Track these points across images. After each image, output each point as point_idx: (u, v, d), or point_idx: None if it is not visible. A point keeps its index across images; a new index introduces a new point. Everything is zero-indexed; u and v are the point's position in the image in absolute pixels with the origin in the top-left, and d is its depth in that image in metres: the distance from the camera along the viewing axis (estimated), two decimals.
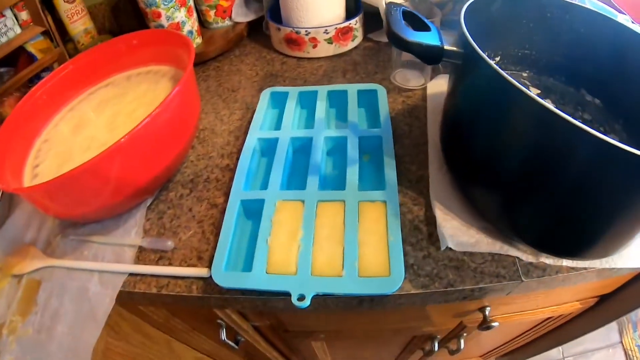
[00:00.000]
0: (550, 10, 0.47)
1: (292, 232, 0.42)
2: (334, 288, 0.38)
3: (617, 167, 0.30)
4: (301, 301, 0.36)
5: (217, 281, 0.39)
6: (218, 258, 0.41)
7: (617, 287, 0.56)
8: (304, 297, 0.36)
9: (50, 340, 0.43)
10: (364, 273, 0.38)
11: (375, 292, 0.38)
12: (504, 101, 0.36)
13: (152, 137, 0.43)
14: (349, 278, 0.38)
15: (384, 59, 0.68)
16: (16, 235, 0.50)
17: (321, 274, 0.39)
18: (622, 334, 1.34)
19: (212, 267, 0.40)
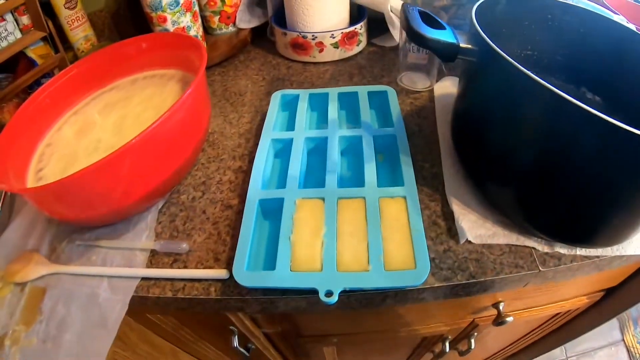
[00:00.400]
0: (551, 11, 0.49)
1: (314, 229, 0.41)
2: (361, 283, 0.37)
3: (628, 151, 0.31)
4: (329, 297, 0.35)
5: (239, 281, 0.38)
6: (239, 257, 0.40)
7: (623, 279, 0.57)
8: (331, 293, 0.36)
9: (57, 349, 0.40)
10: (390, 267, 0.38)
11: (403, 285, 0.37)
12: (520, 93, 0.37)
13: (165, 137, 0.42)
14: (376, 272, 0.37)
15: (389, 63, 0.69)
16: (18, 242, 0.48)
17: (347, 269, 0.38)
18: (624, 331, 1.36)
19: (234, 267, 0.39)
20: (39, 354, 0.40)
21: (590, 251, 0.41)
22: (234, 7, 0.73)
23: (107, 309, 0.42)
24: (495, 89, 0.41)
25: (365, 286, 0.37)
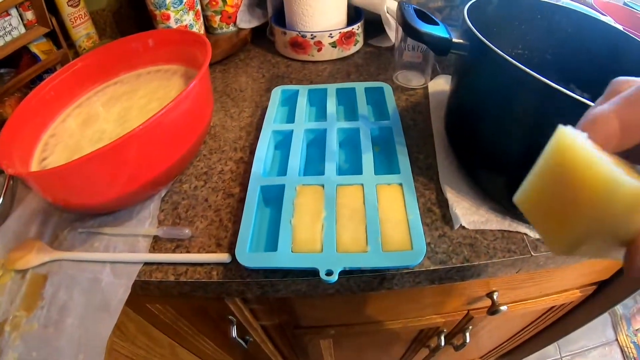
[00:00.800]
0: (541, 12, 0.52)
1: (314, 213, 0.42)
2: (360, 262, 0.38)
3: None
4: (329, 276, 0.37)
5: (241, 262, 0.39)
6: (242, 239, 0.41)
7: (614, 272, 0.59)
8: (332, 272, 0.37)
9: (59, 334, 0.41)
10: (387, 248, 0.39)
11: (400, 265, 0.39)
12: (509, 84, 0.39)
13: (170, 126, 0.43)
14: (374, 253, 0.38)
15: (385, 62, 0.71)
16: (19, 230, 0.48)
17: (346, 250, 0.39)
18: (617, 330, 1.38)
19: (236, 248, 0.40)
20: (41, 338, 0.40)
21: None
22: (235, 7, 0.76)
23: (109, 293, 0.42)
24: (486, 82, 0.43)
25: (364, 265, 0.39)
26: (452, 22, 0.70)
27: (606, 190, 0.17)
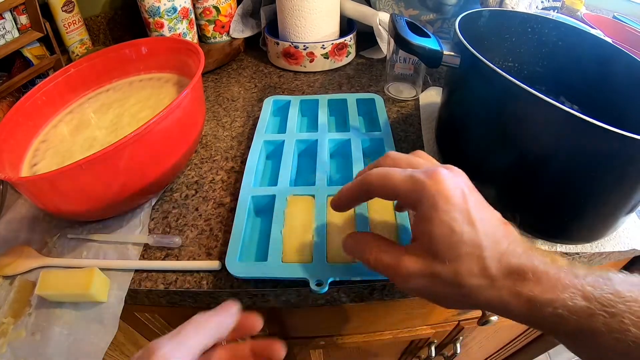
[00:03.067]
0: (531, 25, 0.53)
1: (305, 224, 0.42)
2: (350, 274, 0.38)
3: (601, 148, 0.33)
4: (319, 287, 0.37)
5: (231, 271, 0.39)
6: (232, 249, 0.41)
7: None
8: (322, 282, 0.37)
9: (46, 341, 0.40)
10: None
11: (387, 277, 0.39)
12: (499, 96, 0.39)
13: (162, 133, 0.43)
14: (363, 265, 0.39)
15: (376, 74, 0.72)
16: (8, 236, 0.48)
17: (336, 261, 0.39)
18: None
19: (226, 257, 0.40)
20: (29, 346, 0.40)
21: (570, 247, 0.43)
22: (229, 17, 0.76)
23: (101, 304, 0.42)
24: (476, 94, 0.43)
25: (353, 277, 0.38)
26: (443, 35, 0.71)
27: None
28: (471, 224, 0.27)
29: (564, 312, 0.25)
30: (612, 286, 0.25)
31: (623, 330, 0.23)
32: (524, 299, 0.26)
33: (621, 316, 0.23)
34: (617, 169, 0.34)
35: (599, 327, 0.24)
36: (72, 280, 0.40)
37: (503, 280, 0.27)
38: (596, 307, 0.24)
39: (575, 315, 0.24)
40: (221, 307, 0.30)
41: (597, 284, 0.25)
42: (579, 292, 0.25)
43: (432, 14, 0.71)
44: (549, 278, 0.26)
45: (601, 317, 0.24)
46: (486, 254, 0.27)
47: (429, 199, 0.28)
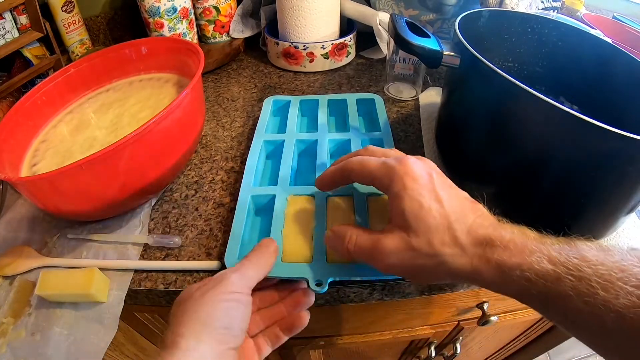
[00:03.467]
0: (531, 25, 0.53)
1: (305, 224, 0.42)
2: (349, 273, 0.38)
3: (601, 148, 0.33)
4: (319, 287, 0.37)
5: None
6: (231, 247, 0.41)
7: None
8: (321, 282, 0.37)
9: (46, 341, 0.40)
10: None
11: (387, 277, 0.39)
12: (500, 97, 0.39)
13: (162, 134, 0.43)
14: (363, 265, 0.38)
15: (376, 74, 0.72)
16: (8, 236, 0.48)
17: (336, 261, 0.39)
18: None
19: (226, 255, 0.40)
20: (28, 346, 0.40)
21: None
22: (229, 17, 0.76)
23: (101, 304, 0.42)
24: (476, 94, 0.43)
25: (353, 277, 0.38)
26: (443, 35, 0.71)
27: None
28: (438, 200, 0.31)
29: (531, 275, 0.26)
30: (578, 252, 0.26)
31: (591, 294, 0.24)
32: (493, 264, 0.28)
33: (588, 279, 0.24)
34: (617, 169, 0.34)
35: (567, 291, 0.25)
36: (72, 280, 0.40)
37: (473, 248, 0.29)
38: (562, 271, 0.25)
39: (543, 279, 0.26)
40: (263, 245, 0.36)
41: (563, 250, 0.26)
42: (545, 256, 0.26)
43: (432, 14, 0.71)
44: (516, 244, 0.28)
45: (568, 281, 0.25)
46: (455, 226, 0.30)
47: (399, 181, 0.32)
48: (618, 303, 0.23)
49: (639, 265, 0.24)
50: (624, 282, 0.23)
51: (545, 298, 0.26)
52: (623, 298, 0.23)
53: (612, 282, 0.23)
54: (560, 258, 0.26)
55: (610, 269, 0.24)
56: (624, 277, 0.23)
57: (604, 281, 0.23)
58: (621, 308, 0.23)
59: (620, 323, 0.23)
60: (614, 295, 0.23)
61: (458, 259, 0.29)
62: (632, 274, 0.23)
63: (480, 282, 0.30)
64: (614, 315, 0.23)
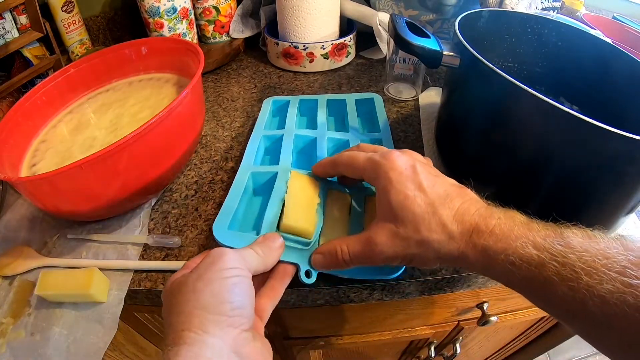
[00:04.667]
0: (531, 25, 0.53)
1: (309, 196, 0.41)
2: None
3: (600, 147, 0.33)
4: (308, 277, 0.36)
5: (218, 239, 0.38)
6: (222, 216, 0.40)
7: None
8: (310, 273, 0.36)
9: (45, 342, 0.40)
10: None
11: (378, 277, 0.38)
12: (500, 97, 0.39)
13: (162, 134, 0.43)
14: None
15: (376, 74, 0.72)
16: (8, 236, 0.48)
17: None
18: None
19: (214, 224, 0.39)
20: (27, 346, 0.40)
21: None
22: (229, 17, 0.76)
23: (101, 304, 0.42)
24: (476, 94, 0.43)
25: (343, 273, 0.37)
26: (443, 35, 0.71)
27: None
28: (422, 189, 0.32)
29: (515, 259, 0.27)
30: (563, 239, 0.26)
31: (575, 279, 0.24)
32: (479, 249, 0.29)
33: (572, 265, 0.25)
34: (617, 169, 0.34)
35: (551, 276, 0.25)
36: (72, 280, 0.40)
37: (460, 234, 0.30)
38: (546, 257, 0.26)
39: (527, 264, 0.26)
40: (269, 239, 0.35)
41: (548, 237, 0.27)
42: (530, 242, 0.27)
43: (431, 14, 0.71)
44: (502, 230, 0.28)
45: (552, 267, 0.25)
46: (441, 211, 0.30)
47: (383, 175, 0.33)
48: (602, 288, 0.23)
49: (623, 253, 0.24)
50: (607, 268, 0.23)
51: (530, 282, 0.27)
52: (606, 283, 0.23)
53: (596, 269, 0.24)
54: (545, 244, 0.26)
55: (594, 255, 0.24)
56: (608, 263, 0.24)
57: (588, 267, 0.24)
58: (605, 293, 0.23)
59: (603, 308, 0.23)
60: (598, 280, 0.23)
61: (446, 244, 0.30)
62: (616, 261, 0.24)
63: (468, 266, 0.30)
64: (598, 301, 0.23)
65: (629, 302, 0.22)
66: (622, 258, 0.24)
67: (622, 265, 0.23)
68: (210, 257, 0.30)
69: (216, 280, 0.28)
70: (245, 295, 0.29)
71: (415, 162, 0.34)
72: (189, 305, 0.27)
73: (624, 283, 0.23)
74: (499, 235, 0.28)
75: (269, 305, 0.35)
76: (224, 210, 0.41)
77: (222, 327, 0.26)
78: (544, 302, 0.27)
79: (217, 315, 0.27)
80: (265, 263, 0.33)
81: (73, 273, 0.41)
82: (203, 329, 0.26)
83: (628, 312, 0.22)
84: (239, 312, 0.28)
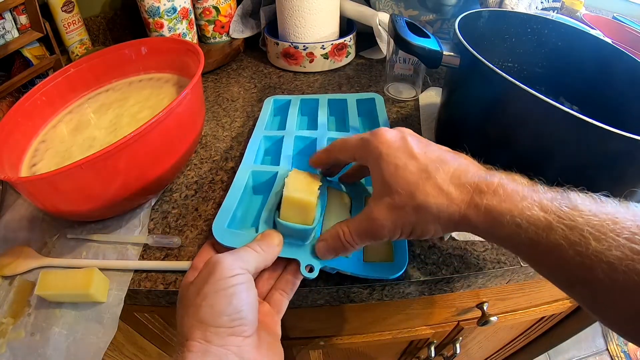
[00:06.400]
0: (531, 26, 0.53)
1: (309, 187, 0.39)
2: (341, 265, 0.37)
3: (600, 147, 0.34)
4: (310, 272, 0.36)
5: (217, 238, 0.38)
6: (221, 215, 0.40)
7: None
8: (312, 268, 0.36)
9: (45, 342, 0.40)
10: (369, 259, 0.39)
11: (379, 276, 0.38)
12: (500, 97, 0.39)
13: (162, 134, 0.43)
14: (356, 260, 0.38)
15: (376, 74, 0.72)
16: (7, 236, 0.48)
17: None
18: (607, 340, 1.38)
19: (214, 223, 0.39)
20: (27, 346, 0.40)
21: None
22: (229, 17, 0.76)
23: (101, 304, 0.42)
24: (476, 94, 0.44)
25: (344, 269, 0.38)
26: (443, 35, 0.71)
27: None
28: (414, 157, 0.31)
29: (522, 221, 0.26)
30: (570, 202, 0.25)
31: (584, 244, 0.23)
32: (482, 210, 0.27)
33: (580, 229, 0.24)
34: (617, 169, 0.34)
35: (559, 240, 0.24)
36: (72, 280, 0.40)
37: (460, 196, 0.29)
38: (554, 219, 0.25)
39: (534, 226, 0.25)
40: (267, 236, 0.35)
41: (555, 199, 0.26)
42: (537, 203, 0.26)
43: (431, 14, 0.71)
44: (506, 190, 0.27)
45: (560, 230, 0.24)
46: (435, 175, 0.29)
47: (374, 150, 0.32)
48: (610, 255, 0.22)
49: (632, 219, 0.23)
50: (616, 234, 0.23)
51: (536, 246, 0.26)
52: (615, 250, 0.22)
53: (605, 234, 0.23)
54: (551, 207, 0.25)
55: (603, 220, 0.23)
56: (617, 229, 0.23)
57: (597, 232, 0.23)
58: (613, 260, 0.22)
59: (612, 275, 0.22)
60: (607, 246, 0.23)
61: (445, 208, 0.29)
62: (625, 227, 0.23)
63: (471, 230, 0.29)
64: (606, 267, 0.22)
65: (638, 269, 0.22)
66: (631, 224, 0.23)
67: (631, 232, 0.23)
68: (207, 267, 0.30)
69: (214, 294, 0.28)
70: (244, 303, 0.29)
71: (405, 134, 0.33)
72: (191, 318, 0.28)
73: (633, 250, 0.22)
74: (502, 196, 0.27)
75: (285, 298, 0.35)
76: (224, 209, 0.41)
77: (223, 337, 0.27)
78: (549, 268, 0.26)
79: (217, 327, 0.27)
80: (265, 259, 0.33)
81: (73, 273, 0.41)
82: (206, 339, 0.27)
83: (637, 280, 0.22)
84: (238, 322, 0.28)
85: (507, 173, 0.30)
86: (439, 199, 0.29)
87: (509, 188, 0.27)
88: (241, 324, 0.28)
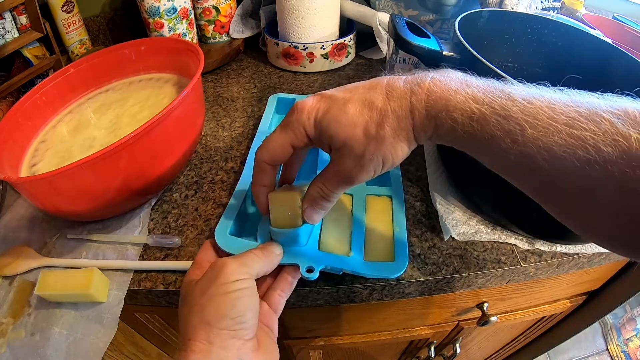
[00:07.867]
0: (531, 26, 0.53)
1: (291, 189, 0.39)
2: (342, 264, 0.37)
3: None
4: (310, 273, 0.36)
5: (219, 244, 0.38)
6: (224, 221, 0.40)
7: (604, 283, 0.60)
8: (312, 269, 0.36)
9: (45, 342, 0.40)
10: (370, 258, 0.39)
11: (379, 275, 0.38)
12: None
13: (162, 134, 0.43)
14: (356, 259, 0.38)
15: (376, 74, 0.70)
16: (7, 236, 0.48)
17: (329, 250, 0.39)
18: (607, 340, 1.38)
19: (216, 229, 0.39)
20: (27, 346, 0.40)
21: (570, 248, 0.43)
22: (228, 17, 0.76)
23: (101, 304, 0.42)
24: None
25: (345, 268, 0.37)
26: (443, 35, 0.71)
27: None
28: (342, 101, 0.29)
29: (457, 116, 0.26)
30: (505, 92, 0.25)
31: (519, 131, 0.23)
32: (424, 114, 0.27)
33: (515, 118, 0.23)
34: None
35: (494, 131, 0.24)
36: (72, 280, 0.40)
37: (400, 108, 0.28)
38: (487, 111, 0.24)
39: (469, 119, 0.25)
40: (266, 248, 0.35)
41: (489, 91, 0.25)
42: (470, 96, 0.25)
43: (431, 14, 0.71)
44: (439, 87, 0.27)
45: (494, 120, 0.24)
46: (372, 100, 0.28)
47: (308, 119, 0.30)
48: (549, 141, 0.22)
49: (571, 105, 0.23)
50: (554, 120, 0.22)
51: (475, 139, 0.25)
52: (553, 136, 0.22)
53: (542, 120, 0.22)
54: (485, 99, 0.25)
55: (539, 107, 0.23)
56: (554, 115, 0.22)
57: (533, 119, 0.23)
58: (553, 146, 0.22)
59: (552, 162, 0.22)
60: (543, 132, 0.22)
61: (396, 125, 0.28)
62: (563, 112, 0.22)
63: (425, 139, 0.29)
64: (547, 155, 0.22)
65: (579, 155, 0.21)
66: (570, 110, 0.22)
67: (569, 117, 0.22)
68: (214, 270, 0.30)
69: (219, 296, 0.29)
70: (247, 308, 0.29)
71: (322, 92, 0.32)
72: (195, 319, 0.29)
73: (572, 135, 0.22)
74: (437, 93, 0.26)
75: (283, 298, 0.36)
76: (226, 214, 0.41)
77: (225, 339, 0.28)
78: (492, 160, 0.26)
79: (220, 329, 0.28)
80: (267, 265, 0.34)
81: (73, 273, 0.41)
82: (208, 340, 0.27)
83: (578, 165, 0.21)
84: (241, 325, 0.29)
85: (439, 70, 0.29)
86: (389, 119, 0.28)
87: (441, 85, 0.27)
88: (243, 328, 0.29)
